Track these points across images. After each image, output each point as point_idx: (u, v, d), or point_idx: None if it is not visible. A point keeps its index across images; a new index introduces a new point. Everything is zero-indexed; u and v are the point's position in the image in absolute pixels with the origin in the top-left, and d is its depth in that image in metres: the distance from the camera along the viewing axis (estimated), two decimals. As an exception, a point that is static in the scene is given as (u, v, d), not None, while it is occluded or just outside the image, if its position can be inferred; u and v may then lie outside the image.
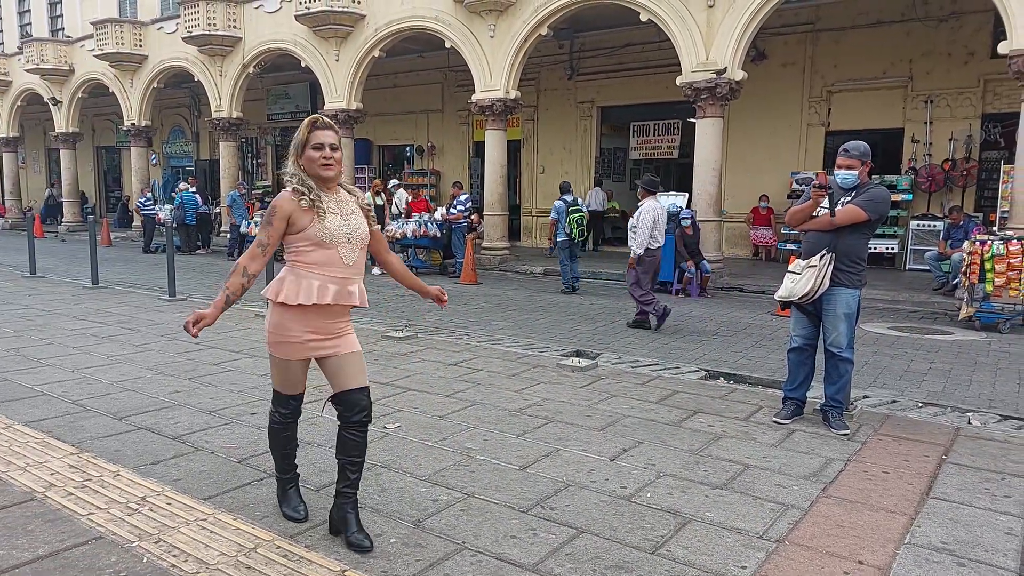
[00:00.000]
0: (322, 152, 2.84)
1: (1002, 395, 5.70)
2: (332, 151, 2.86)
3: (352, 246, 2.89)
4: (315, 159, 2.84)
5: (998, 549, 2.96)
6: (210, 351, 6.37)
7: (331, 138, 2.87)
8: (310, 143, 2.85)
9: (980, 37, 12.79)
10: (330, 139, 2.86)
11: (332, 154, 2.86)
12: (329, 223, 2.82)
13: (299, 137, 2.87)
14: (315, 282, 2.83)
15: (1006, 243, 8.30)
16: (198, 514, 3.17)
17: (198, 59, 19.70)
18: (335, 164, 2.87)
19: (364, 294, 2.99)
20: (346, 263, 2.88)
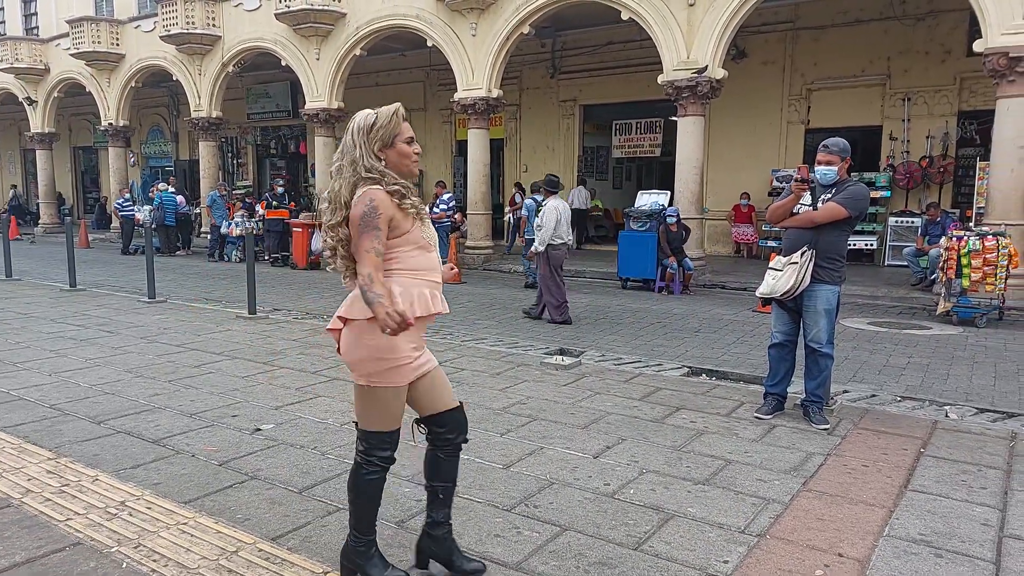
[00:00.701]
0: (413, 147, 2.56)
1: (979, 388, 5.78)
2: (417, 144, 2.61)
3: (433, 252, 2.64)
4: (408, 154, 2.53)
5: (975, 540, 3.00)
6: (191, 353, 6.31)
7: (412, 131, 2.59)
8: (402, 135, 2.52)
9: (956, 36, 12.95)
10: (414, 133, 2.60)
11: (417, 148, 2.60)
12: (427, 224, 2.58)
13: (387, 127, 2.49)
14: (425, 290, 2.54)
15: (982, 239, 8.42)
16: (178, 518, 3.14)
17: (177, 58, 19.49)
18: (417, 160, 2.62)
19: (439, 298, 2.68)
20: (431, 267, 2.60)
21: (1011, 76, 9.62)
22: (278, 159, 24.73)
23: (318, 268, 14.48)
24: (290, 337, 7.04)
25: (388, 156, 2.50)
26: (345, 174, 2.48)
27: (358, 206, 2.41)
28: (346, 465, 3.74)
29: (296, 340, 6.90)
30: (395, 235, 2.48)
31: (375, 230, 2.39)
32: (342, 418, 4.52)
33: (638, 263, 11.53)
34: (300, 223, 14.68)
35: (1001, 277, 8.41)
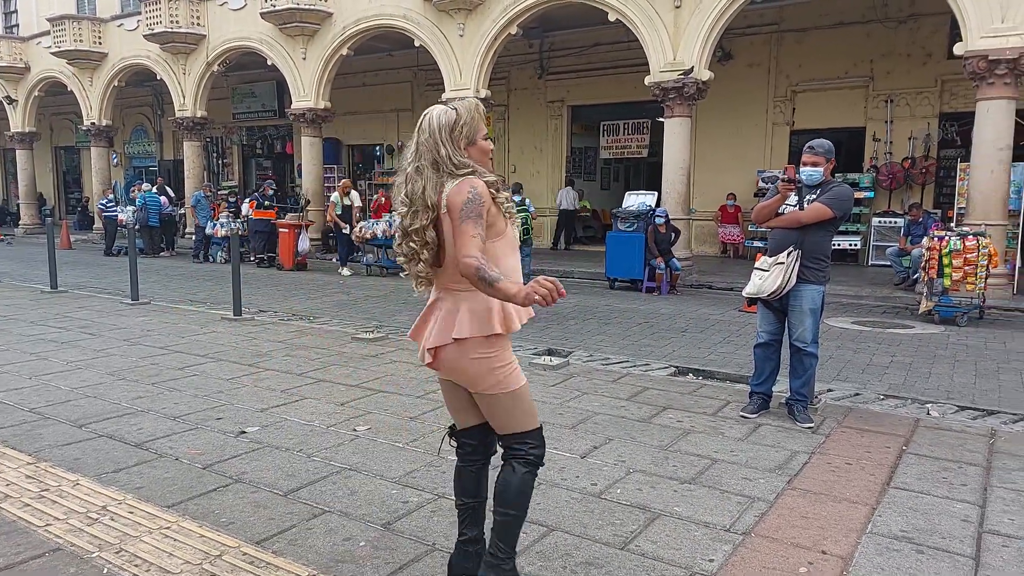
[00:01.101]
0: (489, 144, 2.46)
1: (960, 386, 5.85)
2: None
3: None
4: (487, 152, 2.42)
5: (955, 536, 3.04)
6: (175, 355, 6.26)
7: None
8: (482, 132, 2.41)
9: (937, 38, 13.09)
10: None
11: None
12: (515, 225, 2.45)
13: (471, 124, 2.37)
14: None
15: (963, 239, 8.52)
16: (161, 522, 3.11)
17: (160, 57, 19.33)
18: None
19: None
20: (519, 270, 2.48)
21: (990, 79, 9.74)
22: (264, 159, 24.60)
23: (304, 269, 14.41)
24: (276, 339, 7.00)
25: (471, 153, 2.38)
26: (427, 174, 2.32)
27: (459, 194, 2.26)
28: (333, 467, 3.73)
29: (282, 342, 6.86)
30: (493, 234, 2.33)
31: (479, 218, 2.25)
32: (328, 420, 4.50)
33: (626, 263, 11.56)
34: (286, 224, 14.60)
35: (981, 277, 8.52)
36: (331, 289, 11.71)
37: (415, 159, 2.36)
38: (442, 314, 2.40)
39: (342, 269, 13.85)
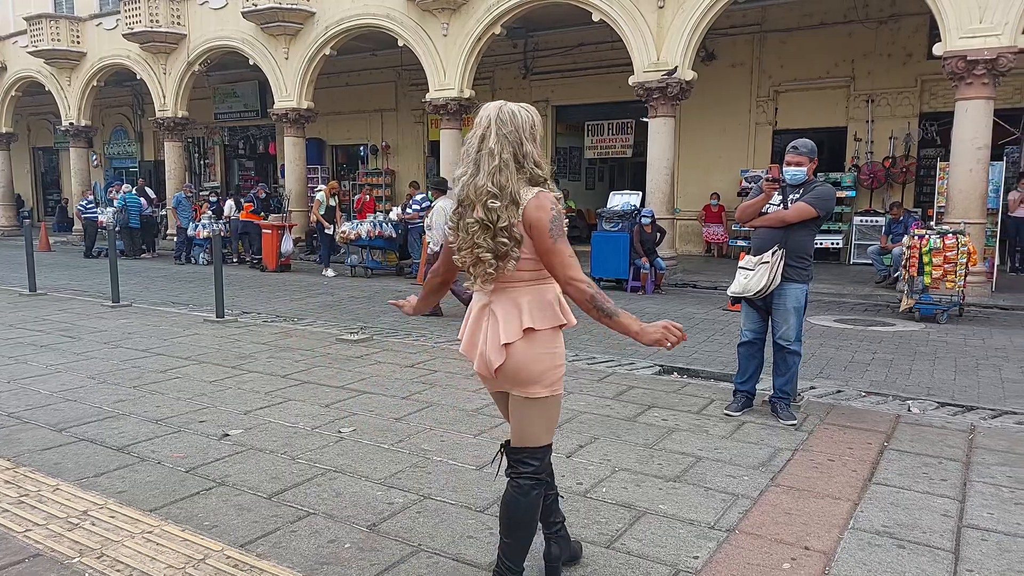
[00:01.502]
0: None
1: (940, 383, 5.92)
2: None
3: None
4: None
5: (935, 530, 3.08)
6: (156, 358, 6.20)
7: None
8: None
9: (917, 39, 13.25)
10: None
11: None
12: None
13: (539, 130, 2.34)
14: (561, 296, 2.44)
15: (942, 237, 8.62)
16: (143, 526, 3.08)
17: (140, 56, 19.15)
18: None
19: None
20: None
21: (969, 79, 9.87)
22: (246, 159, 24.42)
23: (288, 270, 14.32)
24: (259, 341, 6.96)
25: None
26: (512, 168, 2.24)
27: (542, 209, 2.22)
28: (317, 469, 3.71)
29: (265, 344, 6.82)
30: None
31: (566, 235, 2.27)
32: (313, 422, 4.48)
33: (611, 263, 11.59)
34: (270, 225, 14.49)
35: (961, 274, 8.62)
36: (315, 290, 11.65)
37: (498, 149, 2.24)
38: (501, 313, 2.33)
39: (326, 270, 13.79)
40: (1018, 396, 5.52)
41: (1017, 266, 12.53)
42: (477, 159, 2.27)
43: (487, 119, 2.27)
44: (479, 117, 2.30)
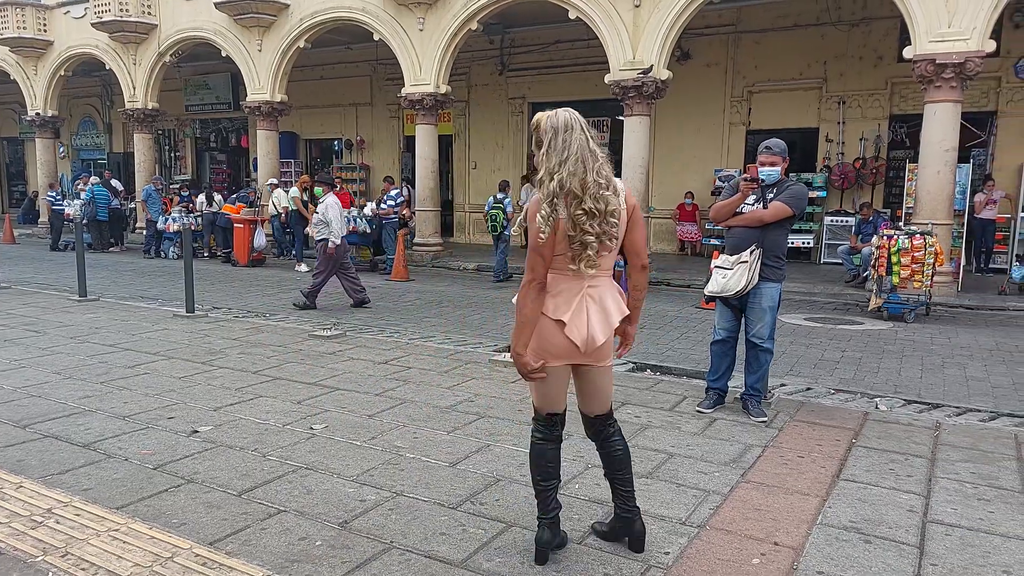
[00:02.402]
0: None
1: (907, 381, 6.03)
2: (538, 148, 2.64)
3: None
4: None
5: (901, 526, 3.13)
6: (124, 353, 6.09)
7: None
8: None
9: (888, 42, 13.46)
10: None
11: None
12: None
13: None
14: None
15: (911, 238, 8.78)
16: (110, 524, 3.03)
17: (109, 46, 18.76)
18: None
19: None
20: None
21: (937, 82, 10.05)
22: (218, 152, 24.08)
23: (261, 265, 14.16)
24: (230, 336, 6.87)
25: None
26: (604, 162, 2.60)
27: (633, 198, 2.73)
28: (289, 466, 3.68)
29: (236, 339, 6.73)
30: None
31: None
32: (284, 418, 4.43)
33: (585, 260, 11.61)
34: (242, 219, 14.31)
35: (928, 274, 8.78)
36: (288, 285, 11.53)
37: (594, 146, 2.59)
38: (608, 296, 2.72)
39: (299, 265, 13.65)
40: (982, 394, 5.64)
41: (982, 267, 12.81)
42: (580, 156, 2.54)
43: (573, 120, 2.59)
44: (555, 120, 2.58)
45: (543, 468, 2.78)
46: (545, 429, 2.81)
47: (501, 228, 12.12)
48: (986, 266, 12.79)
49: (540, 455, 2.79)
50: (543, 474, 2.78)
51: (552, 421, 2.81)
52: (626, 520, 2.87)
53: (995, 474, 3.73)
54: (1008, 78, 12.75)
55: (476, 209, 18.53)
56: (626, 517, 2.87)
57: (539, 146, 2.61)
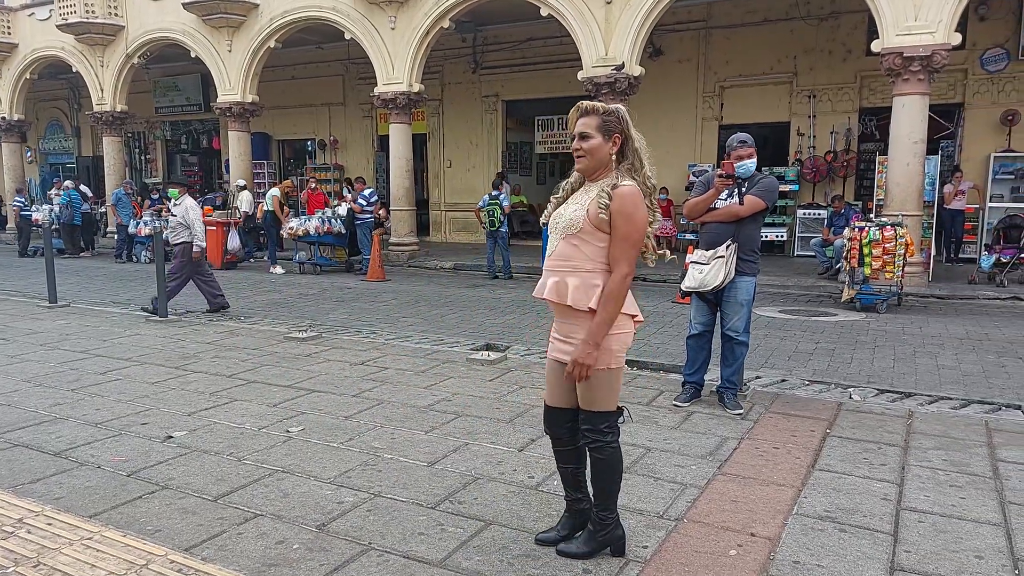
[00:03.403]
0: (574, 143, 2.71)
1: (879, 371, 6.12)
2: (581, 140, 2.67)
3: (555, 235, 2.73)
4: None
5: (875, 514, 3.18)
6: (96, 360, 5.99)
7: (581, 126, 2.67)
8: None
9: (856, 36, 13.64)
10: (579, 127, 2.68)
11: (579, 144, 2.68)
12: (549, 210, 2.81)
13: None
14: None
15: (881, 229, 8.90)
16: (83, 533, 2.97)
17: (76, 48, 18.42)
18: (584, 155, 2.67)
19: (562, 288, 2.67)
20: (549, 253, 2.78)
21: (905, 75, 10.21)
22: (190, 155, 23.76)
23: (234, 268, 14.01)
24: (204, 340, 6.78)
25: None
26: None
27: None
28: (265, 470, 3.65)
29: (211, 343, 6.65)
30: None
31: None
32: (260, 422, 4.39)
33: (562, 257, 11.64)
34: (215, 221, 14.13)
35: (899, 265, 8.92)
36: (262, 288, 11.42)
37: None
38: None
39: (274, 268, 13.53)
40: (953, 382, 5.75)
41: (952, 257, 13.04)
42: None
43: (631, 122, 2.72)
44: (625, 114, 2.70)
45: (621, 467, 2.79)
46: (617, 427, 2.77)
47: (499, 224, 12.10)
48: (956, 256, 13.03)
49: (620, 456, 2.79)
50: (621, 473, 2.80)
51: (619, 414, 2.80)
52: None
53: (966, 461, 3.80)
54: (974, 70, 12.99)
55: (452, 208, 18.50)
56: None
57: (610, 134, 2.65)
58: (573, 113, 2.71)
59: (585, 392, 2.71)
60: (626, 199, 2.58)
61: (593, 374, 2.63)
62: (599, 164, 2.67)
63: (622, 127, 2.67)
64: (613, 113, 2.67)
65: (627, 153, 2.67)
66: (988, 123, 13.04)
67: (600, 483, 2.77)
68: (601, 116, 2.66)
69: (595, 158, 2.66)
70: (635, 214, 2.58)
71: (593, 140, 2.65)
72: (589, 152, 2.65)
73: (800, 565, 2.75)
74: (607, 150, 2.65)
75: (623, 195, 2.58)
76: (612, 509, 2.78)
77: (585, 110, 2.68)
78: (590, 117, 2.66)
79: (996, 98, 12.94)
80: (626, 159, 2.67)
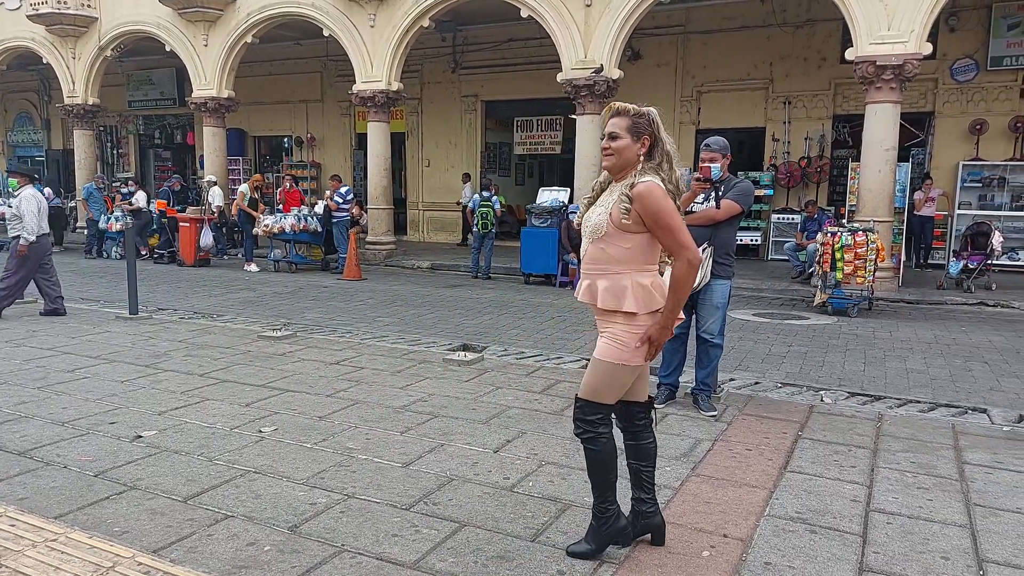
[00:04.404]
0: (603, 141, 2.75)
1: (850, 374, 6.21)
2: (610, 140, 2.70)
3: (586, 239, 2.77)
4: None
5: (845, 515, 3.22)
6: (63, 357, 5.87)
7: (611, 126, 2.71)
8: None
9: (831, 43, 13.83)
10: (609, 127, 2.71)
11: (609, 143, 2.71)
12: (581, 210, 2.84)
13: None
14: None
15: (853, 234, 9.04)
16: (47, 534, 2.91)
17: (47, 39, 18.05)
18: (612, 154, 2.70)
19: (594, 291, 2.74)
20: (582, 254, 2.82)
21: (878, 83, 10.38)
22: (163, 150, 23.41)
23: (207, 265, 13.82)
24: (175, 338, 6.68)
25: None
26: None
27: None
28: (236, 470, 3.61)
29: (182, 341, 6.56)
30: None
31: None
32: (232, 422, 4.33)
33: (540, 259, 11.68)
34: (188, 218, 13.94)
35: (870, 270, 9.06)
36: (236, 286, 11.29)
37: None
38: None
39: (248, 265, 13.37)
40: (921, 386, 5.85)
41: (921, 262, 13.28)
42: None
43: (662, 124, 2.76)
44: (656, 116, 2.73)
45: (615, 461, 2.81)
46: (610, 421, 2.81)
47: (491, 226, 12.12)
48: (925, 262, 13.27)
49: (614, 448, 2.81)
50: (615, 466, 2.82)
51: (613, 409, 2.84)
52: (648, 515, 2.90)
53: (933, 463, 3.87)
54: (944, 80, 13.25)
55: (430, 207, 18.44)
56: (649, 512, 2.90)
57: (639, 135, 2.69)
58: (605, 113, 2.76)
59: (587, 377, 2.78)
60: (646, 197, 2.60)
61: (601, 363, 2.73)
62: (626, 164, 2.70)
63: (652, 129, 2.70)
64: (644, 115, 2.70)
65: (655, 155, 2.70)
66: (957, 132, 13.31)
67: (594, 475, 2.82)
68: (631, 117, 2.70)
69: (622, 158, 2.69)
70: (660, 205, 2.60)
71: (621, 140, 2.69)
72: (617, 152, 2.70)
73: (772, 566, 2.78)
74: (635, 151, 2.68)
75: (642, 195, 2.61)
76: (611, 501, 2.81)
77: (617, 111, 2.73)
78: (620, 118, 2.71)
79: (965, 107, 13.21)
80: (653, 160, 2.70)
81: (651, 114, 2.71)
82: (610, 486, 2.81)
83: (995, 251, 10.63)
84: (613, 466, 2.80)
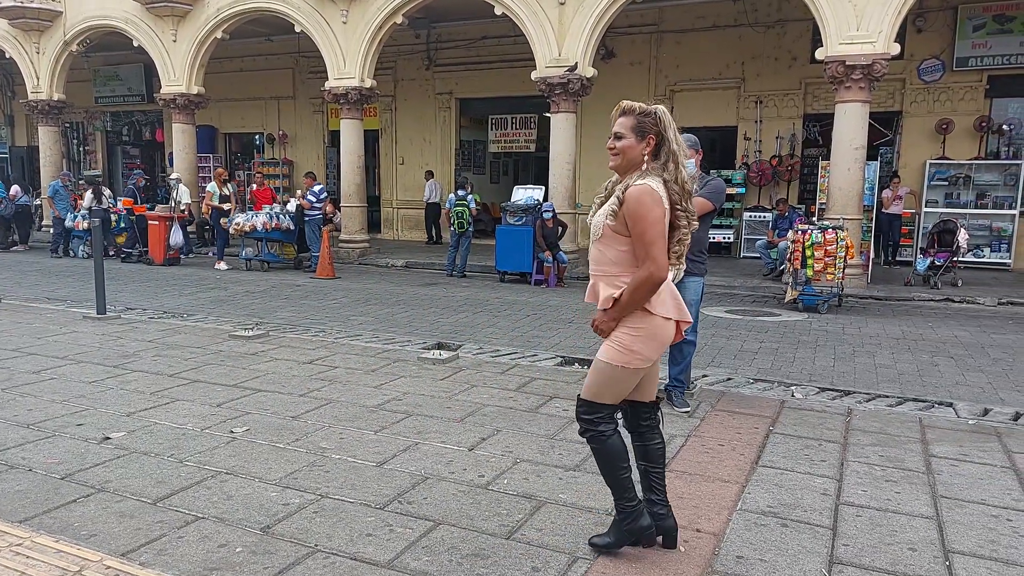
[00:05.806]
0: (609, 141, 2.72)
1: (821, 369, 6.31)
2: (615, 140, 2.68)
3: (592, 241, 2.75)
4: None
5: (815, 509, 3.27)
6: (29, 358, 5.74)
7: (616, 125, 2.68)
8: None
9: (802, 43, 14.01)
10: (615, 127, 2.68)
11: (614, 143, 2.69)
12: (593, 210, 2.79)
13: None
14: None
15: (823, 232, 9.18)
16: (12, 539, 2.85)
17: (10, 33, 17.63)
18: (617, 154, 2.68)
19: (596, 292, 2.76)
20: (590, 257, 2.78)
21: (847, 83, 10.54)
22: (131, 146, 23.00)
23: (177, 264, 13.61)
24: (145, 338, 6.57)
25: None
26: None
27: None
28: (207, 471, 3.56)
29: (151, 341, 6.45)
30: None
31: None
32: (203, 422, 4.27)
33: (515, 257, 11.68)
34: (157, 216, 13.71)
35: (840, 267, 9.20)
36: (207, 285, 11.13)
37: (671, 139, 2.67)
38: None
39: (219, 264, 13.20)
40: (890, 380, 5.95)
41: (890, 259, 13.52)
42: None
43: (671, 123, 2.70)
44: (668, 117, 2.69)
45: (622, 457, 2.78)
46: (613, 419, 2.79)
47: (468, 225, 12.09)
48: (893, 259, 13.52)
49: (620, 446, 2.78)
50: (623, 462, 2.79)
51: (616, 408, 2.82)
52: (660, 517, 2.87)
53: (901, 457, 3.94)
54: (912, 80, 13.49)
55: (404, 205, 18.35)
56: (660, 514, 2.86)
57: (645, 135, 2.65)
58: (615, 112, 2.73)
59: (589, 377, 2.80)
60: (632, 200, 2.58)
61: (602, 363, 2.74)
62: (630, 164, 2.67)
63: (658, 128, 2.65)
64: (651, 114, 2.66)
65: (661, 154, 2.65)
66: (924, 131, 13.57)
67: (604, 472, 2.82)
68: (637, 116, 2.67)
69: (627, 158, 2.67)
70: (640, 211, 2.56)
71: (626, 140, 2.66)
72: (621, 152, 2.68)
73: (744, 560, 2.81)
74: (639, 150, 2.65)
75: (630, 196, 2.59)
76: (630, 498, 2.79)
77: (624, 110, 2.70)
78: (627, 117, 2.68)
79: (932, 107, 13.47)
80: (659, 160, 2.66)
81: (658, 113, 2.67)
82: (624, 482, 2.78)
83: (961, 248, 10.86)
84: (621, 463, 2.77)
